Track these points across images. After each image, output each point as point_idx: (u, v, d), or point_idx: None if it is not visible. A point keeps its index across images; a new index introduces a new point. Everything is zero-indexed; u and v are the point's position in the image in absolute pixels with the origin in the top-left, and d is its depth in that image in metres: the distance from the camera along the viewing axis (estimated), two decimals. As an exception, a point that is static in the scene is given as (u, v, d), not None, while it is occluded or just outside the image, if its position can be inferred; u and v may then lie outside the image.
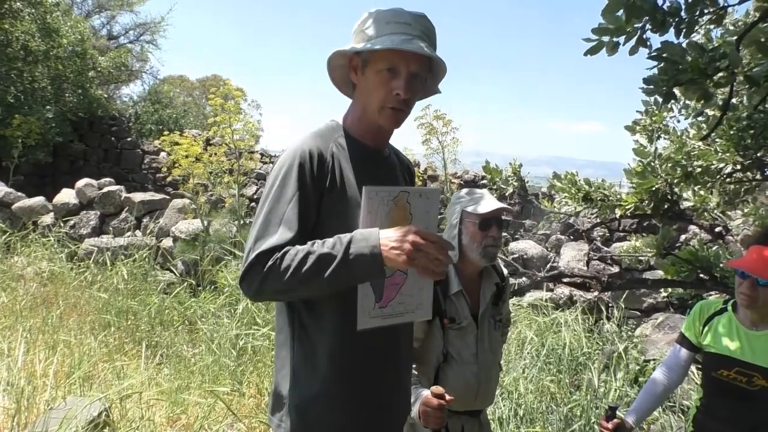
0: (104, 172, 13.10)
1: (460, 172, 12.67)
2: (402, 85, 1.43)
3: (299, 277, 1.31)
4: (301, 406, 1.48)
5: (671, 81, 1.72)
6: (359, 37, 1.48)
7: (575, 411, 4.11)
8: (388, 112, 1.47)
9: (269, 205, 1.40)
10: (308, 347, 1.48)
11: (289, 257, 1.31)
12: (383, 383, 1.56)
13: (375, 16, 1.47)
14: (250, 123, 8.47)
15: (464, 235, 2.09)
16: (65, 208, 8.79)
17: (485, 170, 3.53)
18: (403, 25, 1.44)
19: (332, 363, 1.47)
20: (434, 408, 1.78)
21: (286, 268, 1.30)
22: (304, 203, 1.40)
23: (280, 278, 1.31)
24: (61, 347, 4.42)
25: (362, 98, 1.51)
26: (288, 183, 1.41)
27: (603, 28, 1.89)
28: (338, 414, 1.48)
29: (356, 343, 1.47)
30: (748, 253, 1.95)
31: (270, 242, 1.34)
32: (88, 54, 14.66)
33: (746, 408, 1.98)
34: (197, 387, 4.14)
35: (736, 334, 2.03)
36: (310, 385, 1.47)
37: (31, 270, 6.85)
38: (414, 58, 1.43)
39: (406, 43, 1.40)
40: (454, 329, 2.06)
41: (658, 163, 2.87)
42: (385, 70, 1.43)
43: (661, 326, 5.83)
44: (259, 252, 1.33)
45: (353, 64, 1.50)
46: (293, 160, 1.43)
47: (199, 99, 26.47)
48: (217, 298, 6.33)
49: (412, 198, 1.40)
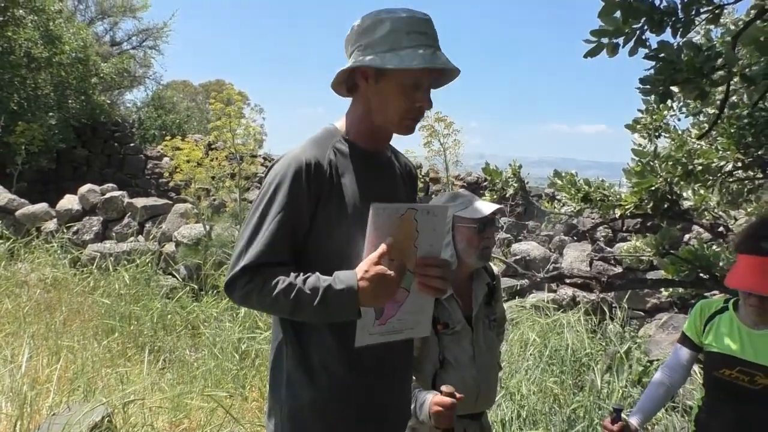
0: (107, 177, 13.12)
1: (463, 174, 12.65)
2: (426, 98, 1.46)
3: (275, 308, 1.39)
4: (295, 411, 1.47)
5: (668, 80, 1.72)
6: (375, 44, 1.43)
7: (578, 412, 4.09)
8: (408, 123, 1.49)
9: (260, 214, 1.41)
10: (301, 352, 1.48)
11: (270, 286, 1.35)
12: (379, 388, 1.55)
13: (391, 24, 1.42)
14: (251, 127, 8.49)
15: (459, 240, 2.06)
16: (68, 214, 8.82)
17: (485, 172, 3.52)
18: (422, 35, 1.42)
19: (325, 368, 1.46)
20: (448, 407, 1.79)
21: (266, 295, 1.36)
22: (295, 214, 1.40)
23: (259, 301, 1.38)
24: (65, 353, 4.43)
25: (373, 105, 1.49)
26: (280, 193, 1.41)
27: (601, 30, 1.89)
28: (332, 420, 1.48)
29: (351, 349, 1.46)
30: (739, 266, 1.94)
31: (255, 254, 1.37)
32: (90, 60, 14.71)
33: (749, 407, 1.97)
34: (200, 392, 4.15)
35: (737, 333, 2.02)
36: (304, 390, 1.47)
37: (34, 276, 6.87)
38: (435, 71, 1.45)
39: (433, 57, 1.40)
40: (448, 334, 2.04)
41: (657, 163, 2.87)
42: (410, 85, 1.43)
43: (665, 326, 5.80)
44: (244, 265, 1.36)
45: (362, 72, 1.47)
46: (287, 170, 1.42)
47: (203, 104, 26.52)
48: (220, 302, 6.33)
49: (419, 215, 1.39)
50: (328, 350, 1.46)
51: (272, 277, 1.35)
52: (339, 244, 1.43)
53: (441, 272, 1.43)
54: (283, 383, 1.50)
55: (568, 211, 3.08)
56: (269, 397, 1.55)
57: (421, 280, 1.44)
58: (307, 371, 1.47)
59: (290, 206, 1.40)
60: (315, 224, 1.44)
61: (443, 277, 1.44)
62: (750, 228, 1.99)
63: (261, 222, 1.40)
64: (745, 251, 1.93)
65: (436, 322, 2.01)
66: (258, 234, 1.39)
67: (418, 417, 1.86)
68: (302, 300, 1.33)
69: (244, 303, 1.41)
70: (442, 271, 1.44)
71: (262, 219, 1.40)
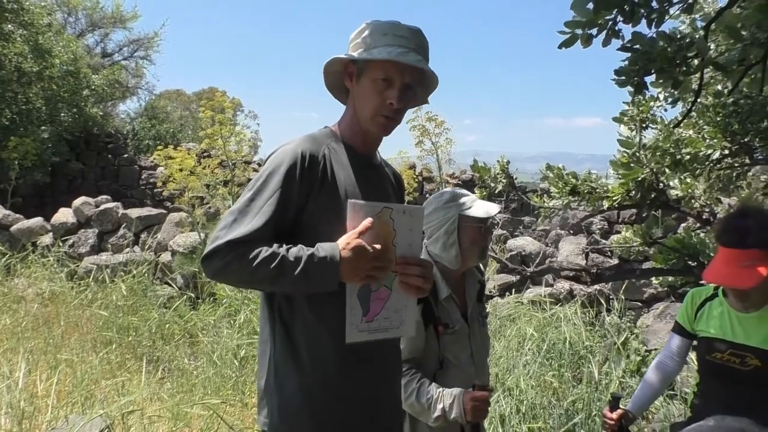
0: (103, 189, 13.13)
1: (458, 172, 12.66)
2: (396, 95, 1.50)
3: (256, 277, 1.37)
4: (284, 403, 1.49)
5: (641, 71, 1.73)
6: (357, 46, 1.53)
7: (577, 405, 4.10)
8: (379, 120, 1.53)
9: (250, 196, 1.44)
10: (289, 344, 1.49)
11: (252, 254, 1.36)
12: (367, 379, 1.56)
13: (373, 27, 1.52)
14: (241, 134, 8.50)
15: (464, 239, 2.05)
16: (63, 228, 8.82)
17: (474, 169, 3.53)
18: (400, 38, 1.50)
19: (313, 360, 1.48)
20: (484, 401, 1.86)
21: (247, 264, 1.36)
22: (284, 202, 1.43)
23: (239, 270, 1.37)
24: (63, 366, 4.43)
25: (355, 104, 1.56)
26: (273, 180, 1.44)
27: (575, 21, 1.90)
28: (320, 411, 1.49)
29: (340, 342, 1.47)
30: (716, 258, 1.97)
31: (241, 231, 1.38)
32: (81, 73, 14.70)
33: (740, 388, 1.99)
34: (199, 400, 4.15)
35: (727, 317, 2.05)
36: (292, 382, 1.48)
37: (31, 291, 6.87)
38: (408, 70, 1.50)
39: (402, 55, 1.47)
40: (448, 334, 2.04)
41: (643, 153, 2.88)
42: (380, 80, 1.49)
43: (662, 316, 5.82)
44: (231, 239, 1.37)
45: (349, 71, 1.55)
46: (284, 158, 1.46)
47: (197, 112, 26.53)
48: (217, 309, 6.34)
49: (395, 214, 1.44)
50: (318, 341, 1.48)
51: (254, 248, 1.37)
52: (328, 237, 1.44)
53: (421, 271, 1.47)
54: (271, 374, 1.52)
55: (557, 204, 3.09)
56: (258, 389, 1.57)
57: (402, 279, 1.48)
58: (295, 362, 1.48)
59: (283, 192, 1.43)
60: (305, 214, 1.47)
61: (423, 276, 1.47)
62: (725, 219, 2.02)
63: (252, 202, 1.43)
64: (720, 243, 1.95)
65: (437, 324, 2.01)
66: (248, 213, 1.41)
67: (447, 417, 1.88)
68: (285, 268, 1.35)
69: (221, 274, 1.41)
70: (422, 270, 1.47)
71: (253, 199, 1.43)
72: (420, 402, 1.92)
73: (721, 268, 1.92)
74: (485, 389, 1.90)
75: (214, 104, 8.20)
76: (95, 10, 19.42)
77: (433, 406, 1.91)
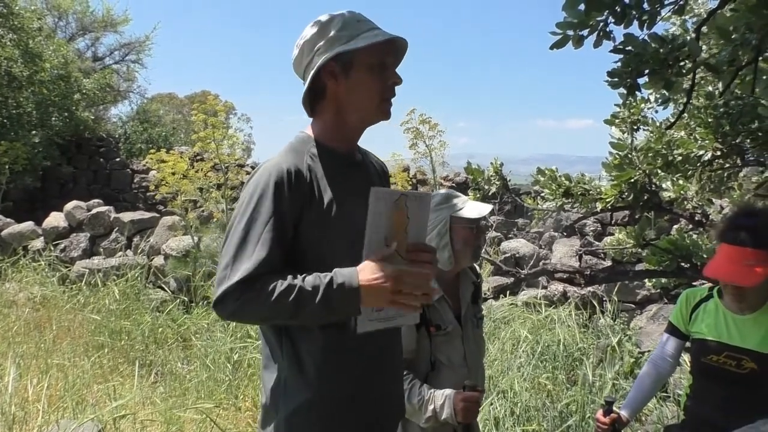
0: (94, 193, 13.07)
1: (452, 175, 12.67)
2: (396, 74, 1.51)
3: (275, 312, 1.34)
4: (291, 417, 1.46)
5: (634, 73, 1.74)
6: (331, 39, 1.46)
7: (571, 407, 4.10)
8: (386, 105, 1.52)
9: (245, 226, 1.38)
10: (296, 357, 1.47)
11: (268, 290, 1.32)
12: (374, 391, 1.55)
13: (342, 18, 1.47)
14: (234, 137, 8.47)
15: (456, 240, 2.05)
16: (55, 232, 8.75)
17: (467, 171, 3.53)
18: (367, 22, 1.49)
19: (321, 373, 1.45)
20: (475, 402, 1.86)
21: (264, 301, 1.31)
22: (281, 224, 1.39)
23: (256, 310, 1.34)
24: (54, 371, 4.40)
25: (347, 101, 1.50)
26: (264, 204, 1.39)
27: (567, 22, 1.90)
28: (328, 424, 1.47)
29: (344, 352, 1.46)
30: (718, 255, 1.97)
31: (248, 267, 1.33)
32: (72, 77, 14.66)
33: (736, 391, 1.99)
34: (192, 404, 4.12)
35: (723, 319, 2.04)
36: (299, 395, 1.46)
37: (23, 295, 6.82)
38: (392, 48, 1.50)
39: (389, 34, 1.46)
40: (440, 336, 2.04)
41: (635, 155, 2.89)
42: (377, 64, 1.47)
43: (655, 317, 5.83)
44: (238, 280, 1.32)
45: (329, 71, 1.47)
46: (269, 179, 1.40)
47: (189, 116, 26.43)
48: (210, 313, 6.30)
49: (409, 201, 1.40)
50: (323, 354, 1.45)
51: (268, 284, 1.32)
52: (326, 248, 1.43)
53: (432, 258, 1.44)
54: (279, 390, 1.48)
55: (550, 206, 3.10)
56: (263, 405, 1.53)
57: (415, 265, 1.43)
58: (302, 376, 1.46)
59: (277, 215, 1.38)
60: (301, 230, 1.43)
61: (433, 262, 1.45)
62: (731, 218, 2.02)
63: (247, 233, 1.37)
64: (724, 240, 1.95)
65: (429, 325, 2.00)
66: (246, 246, 1.36)
67: (438, 417, 1.88)
68: (304, 299, 1.31)
69: (237, 316, 1.38)
70: (432, 256, 1.45)
71: (248, 229, 1.37)
72: (411, 403, 1.91)
73: (723, 265, 1.92)
74: (476, 390, 1.90)
75: (207, 107, 8.17)
76: (86, 14, 19.34)
77: (425, 407, 1.91)
